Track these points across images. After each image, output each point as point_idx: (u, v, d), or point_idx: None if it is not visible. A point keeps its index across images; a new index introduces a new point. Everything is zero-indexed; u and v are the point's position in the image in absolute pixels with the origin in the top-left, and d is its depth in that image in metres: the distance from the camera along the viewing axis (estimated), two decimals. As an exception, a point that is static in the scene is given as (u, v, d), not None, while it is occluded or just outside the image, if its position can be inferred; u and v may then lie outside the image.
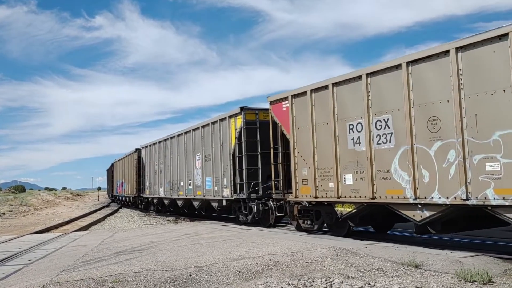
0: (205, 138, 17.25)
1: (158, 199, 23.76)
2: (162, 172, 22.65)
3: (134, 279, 6.47)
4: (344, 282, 5.82)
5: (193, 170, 18.23)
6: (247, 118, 14.55)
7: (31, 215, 29.84)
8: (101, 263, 8.04)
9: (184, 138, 19.47)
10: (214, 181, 16.26)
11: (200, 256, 8.28)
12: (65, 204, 49.36)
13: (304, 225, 11.86)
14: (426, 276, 6.12)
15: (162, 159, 22.60)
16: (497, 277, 6.07)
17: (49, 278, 6.75)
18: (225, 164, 15.49)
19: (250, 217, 14.32)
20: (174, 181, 20.69)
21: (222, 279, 6.38)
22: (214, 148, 16.38)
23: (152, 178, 24.52)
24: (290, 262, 7.33)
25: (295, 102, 11.80)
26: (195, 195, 18.13)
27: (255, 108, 14.84)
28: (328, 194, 10.63)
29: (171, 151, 21.23)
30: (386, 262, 7.13)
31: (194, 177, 18.13)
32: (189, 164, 18.84)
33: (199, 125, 17.85)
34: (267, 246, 9.25)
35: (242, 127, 14.53)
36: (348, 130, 10.12)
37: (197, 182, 17.92)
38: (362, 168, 9.73)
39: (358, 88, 9.82)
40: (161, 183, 22.76)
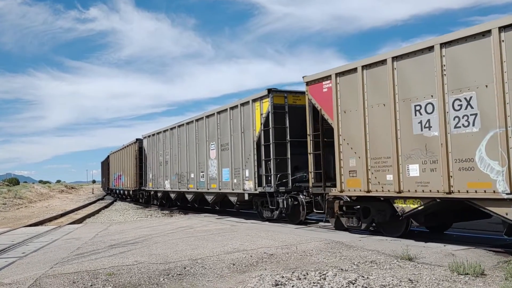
0: (221, 125, 15.58)
1: (163, 192, 21.98)
2: (168, 164, 20.83)
3: (128, 271, 6.47)
4: (337, 275, 5.84)
5: (207, 161, 16.56)
6: (275, 102, 12.91)
7: (25, 208, 29.74)
8: (95, 256, 8.03)
9: (195, 126, 17.69)
10: (233, 172, 14.66)
11: (194, 249, 8.28)
12: (59, 197, 49.22)
13: (348, 224, 10.35)
14: (419, 269, 6.16)
15: (168, 150, 20.76)
16: (490, 269, 6.13)
17: (43, 271, 6.73)
18: (247, 153, 13.90)
19: (276, 212, 12.91)
20: (183, 173, 18.95)
21: (216, 271, 6.39)
22: (234, 136, 14.73)
23: (156, 170, 22.61)
24: (284, 255, 7.36)
25: (341, 81, 10.14)
26: (208, 188, 16.47)
27: (284, 90, 13.26)
28: (385, 188, 9.07)
29: (180, 140, 19.39)
30: (379, 255, 7.17)
31: (208, 168, 16.47)
32: (201, 154, 17.13)
33: (214, 111, 16.07)
34: (262, 239, 9.27)
35: (269, 112, 12.88)
36: (414, 112, 8.55)
37: (211, 174, 16.25)
38: (433, 156, 8.19)
39: (427, 62, 8.28)
40: (167, 176, 20.97)
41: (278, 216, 12.91)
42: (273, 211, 13.07)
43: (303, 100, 12.32)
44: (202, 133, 17.04)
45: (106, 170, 43.80)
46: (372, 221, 9.86)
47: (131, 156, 28.09)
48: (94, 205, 31.11)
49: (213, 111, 16.09)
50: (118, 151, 33.81)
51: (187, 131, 18.58)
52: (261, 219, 13.85)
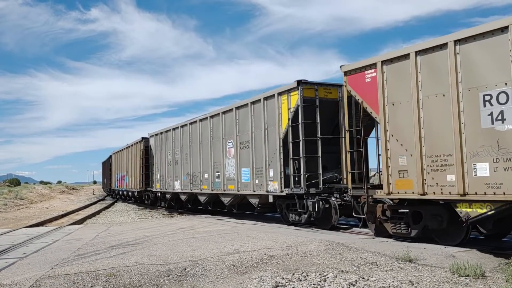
0: (241, 122, 14.37)
1: (172, 194, 20.68)
2: (178, 164, 19.48)
3: (128, 272, 6.47)
4: (338, 276, 5.83)
5: (223, 160, 15.32)
6: (305, 95, 11.71)
7: (26, 208, 29.76)
8: (96, 256, 8.03)
9: (210, 122, 16.39)
10: (254, 172, 13.49)
11: (195, 250, 8.28)
12: (60, 197, 49.25)
13: (394, 230, 9.11)
14: (419, 271, 6.15)
15: (179, 149, 19.37)
16: (490, 271, 6.11)
17: (43, 272, 6.73)
18: (271, 152, 12.78)
19: (305, 216, 11.71)
20: (195, 174, 17.66)
21: (216, 273, 6.39)
22: (255, 133, 13.54)
23: (165, 170, 21.26)
24: (285, 256, 7.35)
25: (388, 69, 9.01)
26: (225, 189, 15.25)
27: (315, 82, 12.06)
28: (445, 190, 7.95)
29: (192, 138, 18.08)
30: (380, 257, 7.16)
31: (224, 168, 15.24)
32: (217, 153, 15.87)
33: (232, 107, 14.88)
34: (262, 240, 9.26)
35: (298, 106, 11.64)
36: (482, 102, 7.44)
37: (228, 174, 15.05)
38: (507, 154, 7.11)
39: (500, 45, 7.25)
40: (177, 176, 19.63)
41: (307, 220, 11.76)
42: (300, 215, 11.90)
43: (334, 94, 11.86)
44: (218, 130, 15.77)
45: (108, 171, 42.31)
46: (424, 227, 8.70)
47: (136, 156, 26.75)
48: (94, 206, 31.13)
49: (231, 107, 14.91)
50: (122, 151, 32.35)
51: (200, 128, 17.30)
52: (285, 223, 12.73)
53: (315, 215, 11.32)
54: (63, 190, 62.84)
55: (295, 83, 11.81)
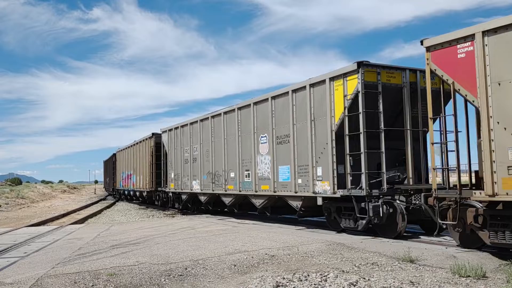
0: (278, 113, 12.60)
1: (189, 194, 18.70)
2: (196, 161, 17.59)
3: (129, 272, 6.48)
4: (339, 276, 5.84)
5: (254, 157, 13.58)
6: (366, 79, 9.97)
7: (27, 207, 29.81)
8: (97, 256, 8.04)
9: (237, 115, 14.58)
10: (296, 171, 11.71)
11: (195, 249, 8.29)
12: (61, 197, 49.31)
13: (495, 240, 7.21)
14: (420, 271, 6.15)
15: (198, 145, 17.47)
16: (491, 272, 6.11)
17: (44, 271, 6.75)
18: (319, 147, 10.98)
19: (363, 222, 9.87)
20: (219, 172, 15.88)
21: (217, 272, 6.40)
22: (298, 125, 11.71)
23: (180, 168, 19.24)
24: (286, 256, 7.35)
25: (492, 42, 7.20)
26: (257, 190, 13.47)
27: (376, 64, 10.29)
28: None
29: (214, 133, 16.21)
30: (381, 257, 7.16)
31: (256, 166, 13.49)
32: (246, 149, 14.11)
33: (267, 96, 13.13)
34: (263, 240, 9.27)
35: (358, 92, 9.90)
36: None
37: (261, 173, 13.30)
38: None
39: None
40: (195, 175, 17.76)
41: (365, 227, 9.95)
42: (357, 221, 10.10)
43: (398, 78, 10.48)
44: (248, 123, 14.02)
45: (112, 170, 40.09)
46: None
47: (145, 153, 24.76)
48: (96, 205, 31.17)
49: (266, 96, 13.20)
50: (128, 148, 30.04)
51: (224, 122, 15.42)
52: (334, 229, 11.00)
53: (377, 221, 9.55)
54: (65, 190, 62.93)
55: (354, 65, 10.01)
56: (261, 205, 13.60)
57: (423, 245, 8.48)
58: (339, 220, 10.72)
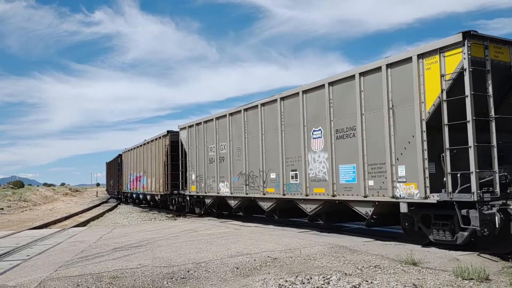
0: (337, 102, 10.57)
1: (215, 198, 16.53)
2: (225, 161, 15.63)
3: (132, 275, 6.48)
4: (341, 279, 5.83)
5: (304, 155, 11.57)
6: (473, 55, 7.94)
7: (29, 210, 29.86)
8: (99, 259, 8.05)
9: (280, 106, 12.60)
10: (366, 170, 9.73)
11: (198, 252, 8.29)
12: (63, 199, 49.38)
13: None
14: (423, 274, 6.14)
15: (226, 142, 15.51)
16: (494, 275, 6.10)
17: (47, 274, 6.75)
18: (402, 140, 8.99)
19: (464, 234, 7.93)
20: (254, 173, 13.94)
21: (220, 275, 6.39)
22: (367, 115, 9.74)
23: (203, 169, 17.14)
24: (288, 259, 7.35)
25: None
26: (308, 193, 11.44)
27: (484, 35, 8.16)
28: None
29: (248, 128, 14.26)
30: (383, 260, 7.15)
31: (307, 165, 11.48)
32: (292, 145, 12.12)
33: (321, 83, 11.02)
34: (265, 243, 9.26)
35: (464, 70, 7.87)
36: None
37: (313, 173, 11.29)
38: None
39: None
40: (223, 176, 15.76)
41: (465, 240, 8.00)
42: (455, 232, 8.14)
43: (506, 54, 8.46)
44: (295, 115, 11.99)
45: (117, 171, 37.61)
46: None
47: (159, 153, 22.69)
48: (98, 208, 31.22)
49: (321, 82, 11.09)
50: (138, 148, 27.90)
51: (262, 115, 13.47)
52: (416, 242, 9.00)
53: (487, 232, 7.47)
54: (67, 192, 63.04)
55: (458, 36, 8.01)
56: (313, 211, 11.48)
57: (426, 247, 8.46)
58: (426, 231, 8.74)
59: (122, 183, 34.75)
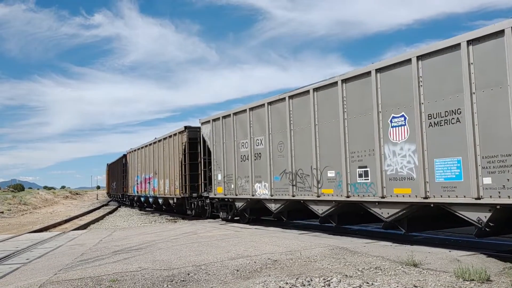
0: (429, 80, 8.57)
1: (249, 201, 14.32)
2: (261, 158, 13.54)
3: (132, 278, 6.46)
4: (342, 281, 5.81)
5: (379, 147, 9.50)
6: None
7: (29, 214, 29.84)
8: (99, 262, 8.03)
9: (341, 91, 10.44)
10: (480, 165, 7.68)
11: (198, 255, 8.27)
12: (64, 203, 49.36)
13: None
14: (424, 275, 6.12)
15: (263, 136, 13.41)
16: (495, 275, 6.07)
17: (47, 277, 6.73)
18: None
19: None
20: (304, 171, 11.67)
21: (220, 278, 6.37)
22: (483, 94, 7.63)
23: (234, 168, 15.04)
24: (288, 261, 7.33)
25: None
26: (384, 194, 9.40)
27: None
28: None
29: (294, 119, 12.09)
30: (384, 261, 7.13)
31: (383, 160, 9.46)
32: (358, 136, 10.08)
33: (406, 57, 8.97)
34: (266, 245, 9.24)
35: None
36: None
37: (393, 170, 9.28)
38: None
39: None
40: (260, 176, 13.64)
41: None
42: None
43: None
44: (363, 100, 9.93)
45: (121, 173, 35.23)
46: None
47: (174, 152, 20.62)
48: (98, 211, 31.21)
49: (405, 57, 8.99)
50: (147, 147, 25.76)
51: (314, 102, 11.30)
52: None
53: None
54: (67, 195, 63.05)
55: None
56: (392, 217, 9.34)
57: (427, 248, 8.44)
58: None
59: (127, 186, 32.48)
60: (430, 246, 8.79)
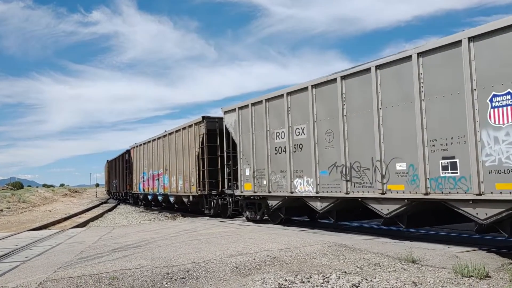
0: None
1: (287, 199, 12.49)
2: (303, 149, 11.74)
3: (131, 275, 6.47)
4: (341, 278, 5.82)
5: (474, 133, 7.69)
6: None
7: (29, 212, 29.83)
8: (99, 259, 8.03)
9: (416, 67, 8.62)
10: None
11: (197, 252, 8.28)
12: (63, 200, 49.35)
13: None
14: (423, 271, 6.13)
15: (305, 124, 11.60)
16: (494, 271, 6.09)
17: (46, 275, 6.74)
18: None
19: None
20: (362, 164, 9.94)
21: (219, 275, 6.38)
22: None
23: (266, 161, 13.19)
24: (288, 258, 7.34)
25: None
26: (482, 191, 7.54)
27: None
28: None
29: (347, 104, 10.30)
30: (383, 258, 7.14)
31: (480, 148, 7.64)
32: (441, 121, 8.26)
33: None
34: (265, 242, 9.25)
35: None
36: None
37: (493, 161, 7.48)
38: None
39: None
40: (301, 170, 11.82)
41: None
42: None
43: None
44: (452, 76, 8.05)
45: (124, 170, 33.46)
46: None
47: (189, 145, 18.73)
48: (97, 208, 31.21)
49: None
50: (155, 141, 23.92)
51: (376, 82, 9.53)
52: None
53: None
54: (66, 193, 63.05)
55: None
56: (491, 219, 7.47)
57: (426, 244, 8.45)
58: None
59: (131, 183, 30.38)
60: (429, 242, 8.80)
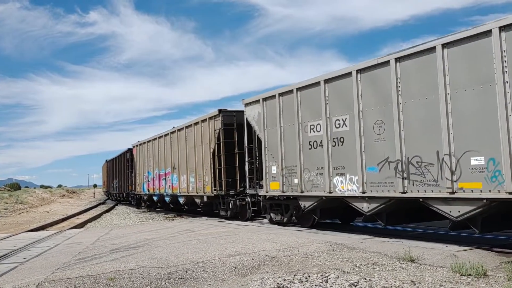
0: None
1: (323, 200, 11.03)
2: (344, 143, 10.43)
3: (129, 276, 6.46)
4: (339, 277, 5.83)
5: None
6: None
7: (26, 213, 29.76)
8: (97, 260, 8.02)
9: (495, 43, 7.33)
10: None
11: (196, 252, 8.27)
12: (60, 201, 49.24)
13: None
14: (421, 270, 6.14)
15: (349, 115, 10.24)
16: (492, 270, 6.10)
17: (44, 276, 6.72)
18: None
19: None
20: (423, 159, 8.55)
21: (218, 275, 6.38)
22: None
23: (297, 158, 11.78)
24: (286, 258, 7.34)
25: None
26: None
27: None
28: None
29: (403, 90, 8.96)
30: (381, 257, 7.15)
31: None
32: None
33: None
34: (263, 242, 9.25)
35: None
36: None
37: None
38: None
39: None
40: (341, 166, 10.41)
41: None
42: None
43: None
44: None
45: (126, 169, 31.86)
46: None
47: (203, 141, 17.18)
48: (95, 209, 31.16)
49: None
50: (162, 138, 22.26)
51: (443, 63, 8.16)
52: None
53: None
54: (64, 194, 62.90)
55: None
56: None
57: (424, 243, 8.47)
58: None
59: (134, 183, 28.52)
60: (428, 241, 8.82)
